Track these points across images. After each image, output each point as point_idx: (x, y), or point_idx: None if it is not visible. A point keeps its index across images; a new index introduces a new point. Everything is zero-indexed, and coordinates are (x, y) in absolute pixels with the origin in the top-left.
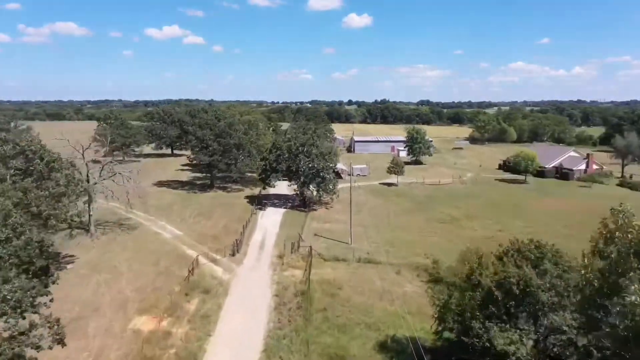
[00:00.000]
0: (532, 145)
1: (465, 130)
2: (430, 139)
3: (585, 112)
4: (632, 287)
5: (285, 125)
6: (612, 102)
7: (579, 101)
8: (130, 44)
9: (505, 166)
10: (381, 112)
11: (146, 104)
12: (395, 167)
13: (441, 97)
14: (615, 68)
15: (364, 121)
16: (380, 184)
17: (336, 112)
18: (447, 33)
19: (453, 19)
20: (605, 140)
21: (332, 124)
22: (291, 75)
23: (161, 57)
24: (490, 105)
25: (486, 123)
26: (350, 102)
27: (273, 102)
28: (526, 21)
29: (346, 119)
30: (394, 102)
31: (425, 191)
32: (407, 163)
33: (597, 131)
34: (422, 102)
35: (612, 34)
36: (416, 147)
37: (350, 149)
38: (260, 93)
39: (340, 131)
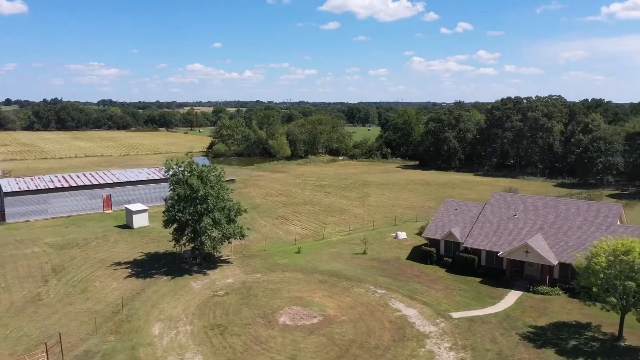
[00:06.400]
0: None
1: (196, 139)
2: (231, 179)
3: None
4: None
5: None
6: (284, 102)
7: (258, 102)
8: None
9: None
10: (56, 115)
11: None
12: None
13: (123, 97)
14: (278, 73)
15: (30, 127)
16: None
17: None
18: (120, 31)
19: (124, 16)
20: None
21: None
22: None
23: None
24: (179, 105)
25: (233, 130)
26: (9, 102)
27: None
28: (199, 24)
29: (1, 125)
30: (71, 101)
31: None
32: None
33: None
34: (103, 102)
35: (273, 42)
36: (204, 225)
37: None
38: None
39: None
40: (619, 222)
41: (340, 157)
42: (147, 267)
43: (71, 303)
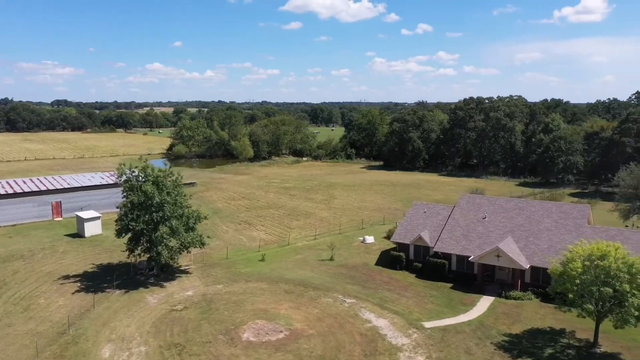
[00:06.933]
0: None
1: (156, 140)
2: (192, 182)
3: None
4: None
5: None
6: (246, 102)
7: (220, 102)
8: None
9: None
10: (5, 116)
11: None
12: None
13: (79, 97)
14: (240, 73)
15: None
16: None
17: None
18: (75, 28)
19: (79, 13)
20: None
21: None
22: None
23: None
24: (139, 105)
25: (194, 131)
26: None
27: None
28: (158, 22)
29: None
30: (22, 102)
31: None
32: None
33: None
34: (58, 102)
35: (235, 42)
36: (160, 234)
37: None
38: None
39: None
40: (587, 224)
41: (304, 158)
42: (98, 280)
43: (10, 324)
